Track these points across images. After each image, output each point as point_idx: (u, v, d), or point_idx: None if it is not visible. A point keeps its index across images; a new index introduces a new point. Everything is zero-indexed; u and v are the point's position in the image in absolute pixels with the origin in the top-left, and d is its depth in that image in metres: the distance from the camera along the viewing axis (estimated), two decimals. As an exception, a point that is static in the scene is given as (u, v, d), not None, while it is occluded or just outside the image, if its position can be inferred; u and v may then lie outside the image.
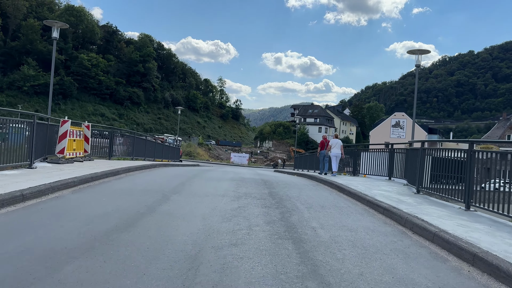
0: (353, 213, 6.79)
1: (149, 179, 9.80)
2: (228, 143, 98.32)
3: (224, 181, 10.56)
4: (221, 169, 19.92)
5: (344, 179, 12.93)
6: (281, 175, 17.25)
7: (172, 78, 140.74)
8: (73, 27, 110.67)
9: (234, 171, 18.25)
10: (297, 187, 10.43)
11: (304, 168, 25.27)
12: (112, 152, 14.76)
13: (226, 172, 15.92)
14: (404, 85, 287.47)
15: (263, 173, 17.90)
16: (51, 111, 28.74)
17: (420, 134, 73.58)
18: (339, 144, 16.65)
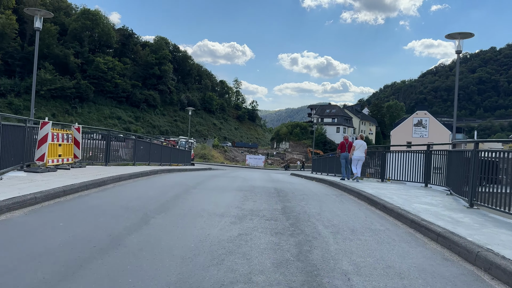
0: (396, 241, 4.99)
1: (138, 191, 8.17)
2: (244, 145, 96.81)
3: (229, 191, 8.85)
4: (232, 174, 18.26)
5: (372, 186, 11.08)
6: (298, 181, 15.48)
7: (187, 80, 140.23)
8: (89, 30, 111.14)
9: (245, 176, 16.56)
10: (317, 198, 8.65)
11: (323, 172, 23.41)
12: (110, 157, 13.24)
13: (236, 178, 14.24)
14: (423, 83, 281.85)
15: (278, 178, 16.14)
16: (67, 114, 25.82)
17: (444, 133, 70.50)
18: (364, 147, 14.80)
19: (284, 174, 27.65)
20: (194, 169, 21.31)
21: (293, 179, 16.71)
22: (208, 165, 38.42)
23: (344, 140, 16.27)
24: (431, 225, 5.44)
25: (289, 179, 16.63)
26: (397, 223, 6.28)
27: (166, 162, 20.68)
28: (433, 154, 11.49)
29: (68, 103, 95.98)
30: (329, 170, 21.30)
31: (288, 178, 18.56)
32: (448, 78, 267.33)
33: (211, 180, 12.17)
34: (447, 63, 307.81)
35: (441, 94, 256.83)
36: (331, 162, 20.80)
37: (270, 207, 6.86)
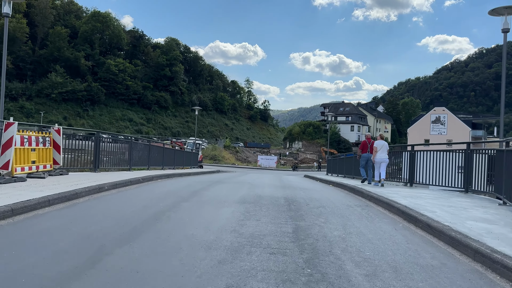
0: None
1: (113, 207, 6.58)
2: (256, 145, 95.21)
3: (228, 205, 7.19)
4: (239, 178, 16.64)
5: (403, 194, 9.31)
6: (312, 186, 13.76)
7: (199, 81, 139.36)
8: (100, 33, 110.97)
9: (253, 181, 14.92)
10: (338, 212, 6.94)
11: (339, 173, 21.61)
12: (99, 162, 11.73)
13: (242, 184, 12.59)
14: (439, 79, 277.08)
15: (290, 183, 14.45)
16: (79, 117, 24.21)
17: (463, 129, 67.77)
18: (386, 147, 13.05)
19: (296, 176, 25.91)
20: (199, 173, 19.75)
21: (307, 183, 14.99)
22: (217, 167, 36.90)
23: (367, 140, 14.55)
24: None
25: (303, 184, 14.91)
26: (452, 252, 4.54)
27: (169, 166, 19.18)
28: (476, 153, 9.62)
29: (80, 106, 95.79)
30: (347, 171, 19.51)
31: (301, 181, 16.84)
32: (464, 74, 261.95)
33: (211, 187, 10.53)
34: (462, 59, 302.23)
35: (457, 90, 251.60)
36: (349, 163, 19.03)
37: (278, 229, 5.18)
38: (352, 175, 18.01)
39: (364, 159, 14.33)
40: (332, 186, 13.96)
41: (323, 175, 24.63)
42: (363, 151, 14.45)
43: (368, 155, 14.23)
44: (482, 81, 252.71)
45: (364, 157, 14.32)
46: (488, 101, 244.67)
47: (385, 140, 13.89)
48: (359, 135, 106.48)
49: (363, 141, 14.58)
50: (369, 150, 14.26)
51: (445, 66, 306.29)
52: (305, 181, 17.42)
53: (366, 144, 14.39)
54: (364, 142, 14.50)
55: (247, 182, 13.65)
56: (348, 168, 19.30)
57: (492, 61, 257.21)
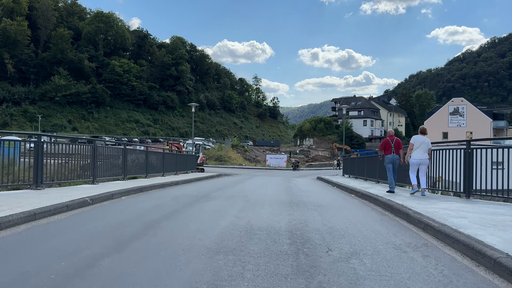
0: None
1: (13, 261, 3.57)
2: (265, 143, 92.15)
3: (193, 253, 4.14)
4: (236, 188, 13.60)
5: (473, 217, 6.12)
6: (330, 199, 10.63)
7: (206, 79, 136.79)
8: (103, 33, 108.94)
9: (252, 192, 11.86)
10: (384, 267, 3.85)
11: (358, 175, 18.45)
12: (43, 174, 8.77)
13: (236, 198, 9.52)
14: (451, 71, 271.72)
15: (300, 195, 11.34)
16: (84, 120, 22.19)
17: (484, 121, 63.79)
18: (427, 145, 9.91)
19: (307, 178, 22.79)
20: (192, 180, 16.75)
21: (322, 195, 11.87)
22: (222, 169, 33.93)
23: (389, 138, 11.41)
24: None
25: (316, 194, 11.80)
26: None
27: (157, 173, 16.27)
28: None
29: (84, 108, 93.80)
30: (368, 174, 16.40)
31: (314, 190, 13.74)
32: (476, 64, 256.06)
33: (187, 210, 7.46)
34: (474, 49, 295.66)
35: (470, 81, 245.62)
36: (371, 164, 15.88)
37: None
38: (376, 178, 14.88)
39: (389, 161, 11.17)
40: (356, 198, 10.83)
41: (340, 177, 21.46)
42: (385, 151, 11.33)
43: (392, 156, 11.08)
44: (496, 71, 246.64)
45: (388, 159, 11.19)
46: (502, 91, 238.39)
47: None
48: (372, 130, 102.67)
49: (385, 140, 11.44)
50: (393, 150, 11.13)
51: (457, 57, 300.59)
52: (318, 188, 14.33)
53: (388, 143, 11.26)
54: (385, 140, 11.37)
55: (243, 195, 10.57)
56: (369, 170, 16.16)
57: (506, 50, 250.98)
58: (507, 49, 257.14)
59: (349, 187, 12.93)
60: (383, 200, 8.62)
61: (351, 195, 11.08)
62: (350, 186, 13.13)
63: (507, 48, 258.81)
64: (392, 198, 8.69)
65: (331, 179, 18.18)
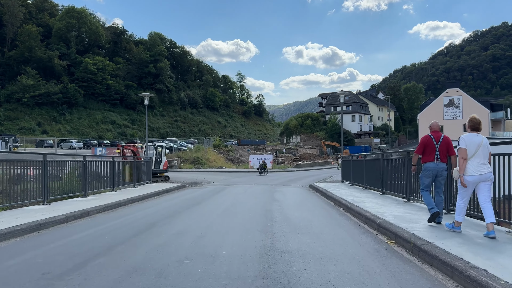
0: None
1: None
2: (250, 142, 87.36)
3: None
4: (194, 213, 8.87)
5: None
6: (331, 234, 5.93)
7: (187, 77, 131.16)
8: (76, 30, 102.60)
9: (212, 221, 7.13)
10: None
11: (367, 184, 13.80)
12: None
13: (181, 236, 4.79)
14: (435, 65, 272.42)
15: (289, 227, 6.70)
16: (55, 122, 18.60)
17: (481, 112, 59.94)
18: (487, 148, 5.63)
19: (298, 188, 18.04)
20: (135, 199, 11.87)
21: (319, 222, 7.16)
22: (196, 174, 29.05)
23: (432, 134, 6.86)
24: None
25: (311, 223, 7.09)
26: None
27: (105, 188, 11.52)
28: None
29: (56, 109, 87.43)
30: (375, 183, 11.85)
31: (312, 222, 9.00)
32: (460, 57, 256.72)
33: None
34: (457, 43, 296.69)
35: (454, 74, 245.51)
36: (382, 169, 11.22)
37: None
38: (403, 193, 10.17)
39: (431, 174, 6.68)
40: (386, 242, 6.13)
41: (339, 185, 16.79)
42: (426, 156, 6.73)
43: (437, 165, 6.60)
44: (479, 64, 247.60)
45: (429, 169, 6.68)
46: (486, 84, 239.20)
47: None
48: (361, 125, 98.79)
49: (425, 137, 6.85)
50: (437, 156, 6.60)
51: (440, 51, 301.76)
52: (318, 217, 9.62)
53: (430, 143, 6.67)
54: (426, 138, 6.82)
55: (196, 228, 5.80)
56: (377, 176, 11.58)
57: (488, 43, 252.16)
58: (489, 42, 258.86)
59: (361, 212, 8.43)
60: (444, 259, 4.01)
61: (386, 240, 6.31)
62: (369, 212, 8.45)
63: (489, 41, 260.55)
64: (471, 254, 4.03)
65: (330, 191, 13.39)
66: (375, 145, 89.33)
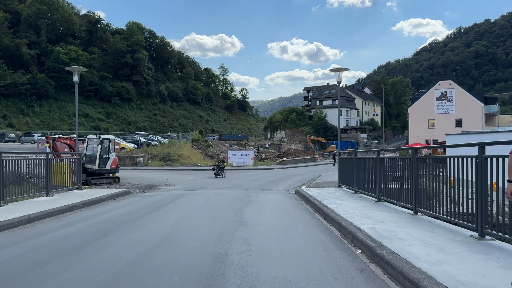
0: None
1: None
2: (232, 137, 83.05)
3: None
4: (117, 242, 4.60)
5: None
6: None
7: (167, 69, 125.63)
8: (47, 17, 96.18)
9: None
10: None
11: (367, 191, 9.79)
12: None
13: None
14: (419, 61, 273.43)
15: (265, 264, 2.30)
16: (22, 114, 15.12)
17: (475, 106, 56.99)
18: None
19: (278, 192, 13.83)
20: (37, 217, 7.52)
21: None
22: (161, 173, 24.68)
23: None
24: None
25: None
26: None
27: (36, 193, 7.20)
28: None
29: (23, 101, 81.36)
30: (399, 195, 7.76)
31: (303, 259, 4.83)
32: (443, 54, 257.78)
33: None
34: (440, 39, 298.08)
35: (438, 71, 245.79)
36: (415, 174, 7.09)
37: None
38: (410, 203, 6.08)
39: None
40: None
41: (334, 189, 12.70)
42: None
43: None
44: (463, 60, 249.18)
45: None
46: (469, 80, 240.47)
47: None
48: (348, 120, 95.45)
49: None
50: None
51: (424, 47, 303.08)
52: (308, 250, 5.49)
53: None
54: None
55: None
56: (393, 182, 7.50)
57: (471, 40, 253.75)
58: (472, 39, 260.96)
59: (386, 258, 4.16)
60: None
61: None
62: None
63: (472, 38, 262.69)
64: None
65: (329, 205, 9.13)
66: (362, 141, 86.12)
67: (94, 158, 15.94)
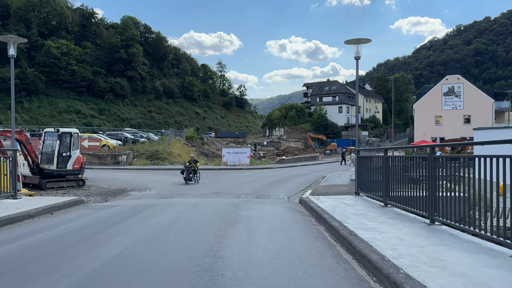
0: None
1: None
2: (229, 134, 79.98)
3: None
4: None
5: None
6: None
7: (163, 64, 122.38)
8: (37, 10, 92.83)
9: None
10: None
11: (396, 201, 6.76)
12: None
13: None
14: (418, 59, 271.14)
15: None
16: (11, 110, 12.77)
17: (484, 101, 54.00)
18: None
19: (277, 202, 10.83)
20: None
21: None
22: (143, 173, 21.71)
23: None
24: None
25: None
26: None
27: None
28: None
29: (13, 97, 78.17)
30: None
31: None
32: (443, 51, 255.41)
33: None
34: (440, 37, 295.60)
35: (437, 68, 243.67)
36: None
37: None
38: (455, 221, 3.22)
39: None
40: None
41: (352, 198, 9.71)
42: None
43: None
44: (462, 58, 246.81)
45: None
46: (469, 78, 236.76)
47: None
48: (348, 117, 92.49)
49: None
50: None
51: (424, 45, 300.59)
52: None
53: None
54: None
55: None
56: (435, 190, 4.49)
57: (471, 38, 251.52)
58: (472, 37, 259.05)
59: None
60: None
61: None
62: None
63: (472, 36, 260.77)
64: None
65: (359, 234, 5.86)
66: (364, 138, 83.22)
67: (52, 157, 12.94)
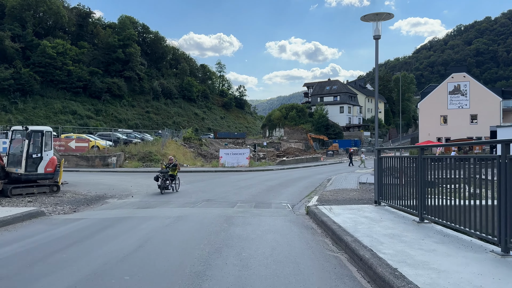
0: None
1: None
2: (228, 135, 78.23)
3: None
4: None
5: None
6: None
7: (161, 65, 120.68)
8: (32, 9, 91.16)
9: None
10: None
11: (436, 217, 4.98)
12: None
13: None
14: (419, 59, 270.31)
15: None
16: (5, 111, 11.59)
17: (491, 100, 52.28)
18: None
19: (280, 216, 9.08)
20: None
21: None
22: (130, 178, 19.96)
23: None
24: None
25: None
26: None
27: None
28: None
29: (6, 97, 76.42)
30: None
31: None
32: (443, 52, 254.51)
33: None
34: (440, 37, 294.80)
35: (438, 69, 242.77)
36: None
37: None
38: None
39: None
40: None
41: (372, 209, 7.98)
42: None
43: None
44: (463, 58, 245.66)
45: None
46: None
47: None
48: (350, 118, 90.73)
49: None
50: None
51: (424, 45, 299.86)
52: None
53: None
54: None
55: None
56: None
57: (472, 38, 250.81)
58: (473, 37, 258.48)
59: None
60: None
61: None
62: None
63: (473, 36, 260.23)
64: None
65: (413, 276, 4.04)
66: (366, 139, 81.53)
67: (20, 159, 11.22)
